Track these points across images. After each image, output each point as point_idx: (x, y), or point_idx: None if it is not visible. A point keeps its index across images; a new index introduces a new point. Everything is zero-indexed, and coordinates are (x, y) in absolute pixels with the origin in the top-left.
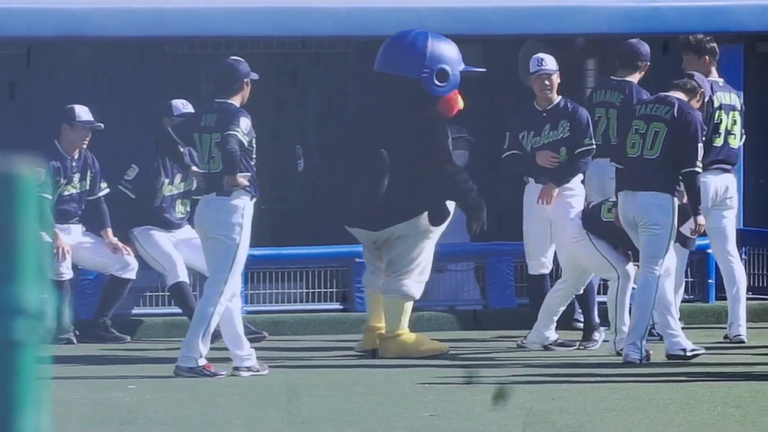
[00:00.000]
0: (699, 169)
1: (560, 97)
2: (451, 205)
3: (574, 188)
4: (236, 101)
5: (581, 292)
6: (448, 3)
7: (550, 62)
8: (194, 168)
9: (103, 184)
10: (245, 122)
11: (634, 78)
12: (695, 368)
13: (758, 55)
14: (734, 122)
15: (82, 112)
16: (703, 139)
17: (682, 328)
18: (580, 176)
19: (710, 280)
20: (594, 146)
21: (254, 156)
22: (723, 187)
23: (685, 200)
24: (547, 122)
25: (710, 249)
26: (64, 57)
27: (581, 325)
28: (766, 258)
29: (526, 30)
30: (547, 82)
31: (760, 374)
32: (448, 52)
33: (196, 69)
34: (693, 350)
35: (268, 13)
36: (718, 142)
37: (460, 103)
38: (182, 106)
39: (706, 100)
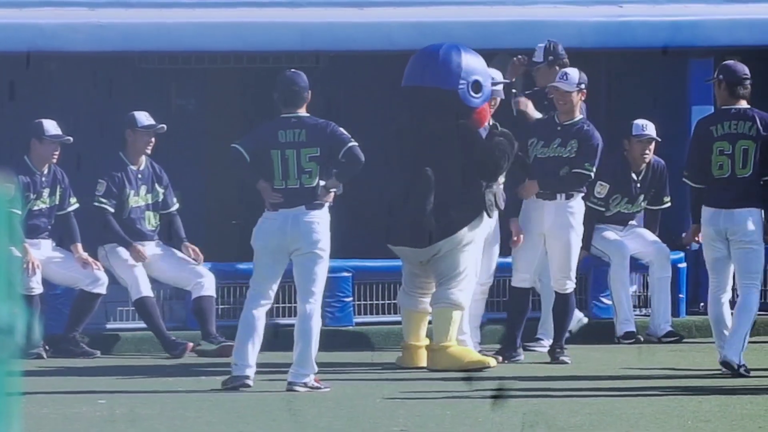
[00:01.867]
0: None
1: (582, 116)
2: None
3: (573, 206)
4: (305, 112)
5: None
6: (417, 18)
7: (571, 77)
8: (263, 184)
9: (73, 199)
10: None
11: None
12: (666, 382)
13: None
14: None
15: (51, 127)
16: None
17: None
18: (580, 195)
19: (681, 295)
20: (592, 175)
21: None
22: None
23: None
24: (559, 137)
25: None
26: (33, 72)
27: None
28: None
29: (495, 44)
30: (561, 102)
31: (730, 388)
32: (479, 65)
33: (166, 83)
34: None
35: (238, 27)
36: None
37: (488, 115)
38: (145, 118)
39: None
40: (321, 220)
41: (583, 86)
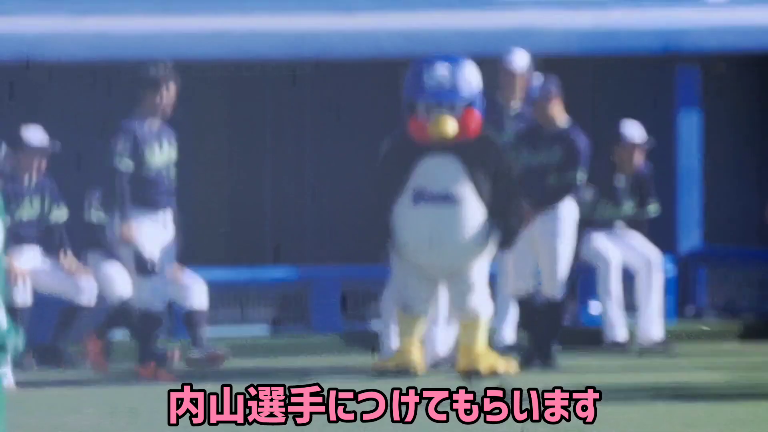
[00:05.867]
0: None
1: (567, 121)
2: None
3: (562, 213)
4: None
5: None
6: (405, 26)
7: (534, 88)
8: None
9: (62, 208)
10: None
11: None
12: (654, 388)
13: (715, 76)
14: None
15: (33, 136)
16: None
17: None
18: (570, 201)
19: (669, 301)
20: (580, 182)
21: None
22: None
23: None
24: (546, 144)
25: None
26: (27, 81)
27: None
28: (728, 277)
29: (481, 51)
30: (536, 113)
31: (719, 394)
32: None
33: None
34: None
35: (226, 36)
36: None
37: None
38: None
39: None
40: None
41: (550, 92)
